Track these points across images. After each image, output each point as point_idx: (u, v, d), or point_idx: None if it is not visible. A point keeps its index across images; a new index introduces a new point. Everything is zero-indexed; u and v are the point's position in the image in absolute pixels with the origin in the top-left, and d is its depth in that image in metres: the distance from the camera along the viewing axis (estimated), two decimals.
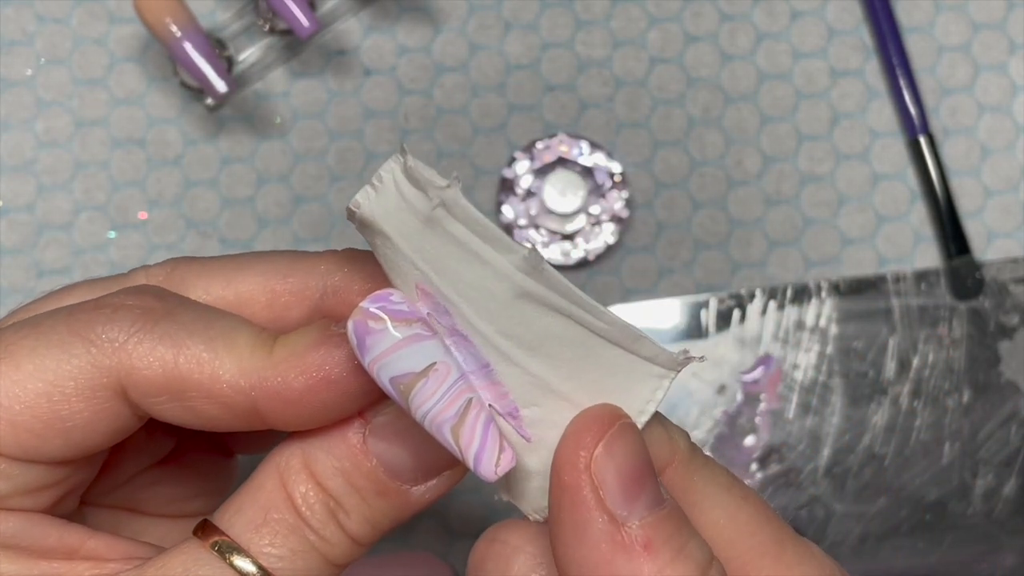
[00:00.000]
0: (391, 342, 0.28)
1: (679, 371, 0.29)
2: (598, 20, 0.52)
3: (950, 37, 0.52)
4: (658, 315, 0.51)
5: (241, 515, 0.30)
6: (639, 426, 0.29)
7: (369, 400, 0.30)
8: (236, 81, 0.50)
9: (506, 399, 0.29)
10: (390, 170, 0.28)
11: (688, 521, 0.29)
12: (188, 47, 0.48)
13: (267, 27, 0.50)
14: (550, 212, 0.51)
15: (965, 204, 0.51)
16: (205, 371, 0.30)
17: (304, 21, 0.47)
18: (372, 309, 0.28)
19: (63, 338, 0.30)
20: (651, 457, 0.29)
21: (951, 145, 0.52)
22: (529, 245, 0.28)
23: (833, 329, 0.51)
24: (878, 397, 0.50)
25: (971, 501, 0.50)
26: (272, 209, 0.51)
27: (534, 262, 0.28)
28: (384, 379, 0.28)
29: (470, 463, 0.28)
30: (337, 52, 0.52)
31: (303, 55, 0.52)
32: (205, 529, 0.31)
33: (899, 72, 0.51)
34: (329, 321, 0.31)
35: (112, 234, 0.51)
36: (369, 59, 0.52)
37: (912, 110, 0.51)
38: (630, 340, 0.29)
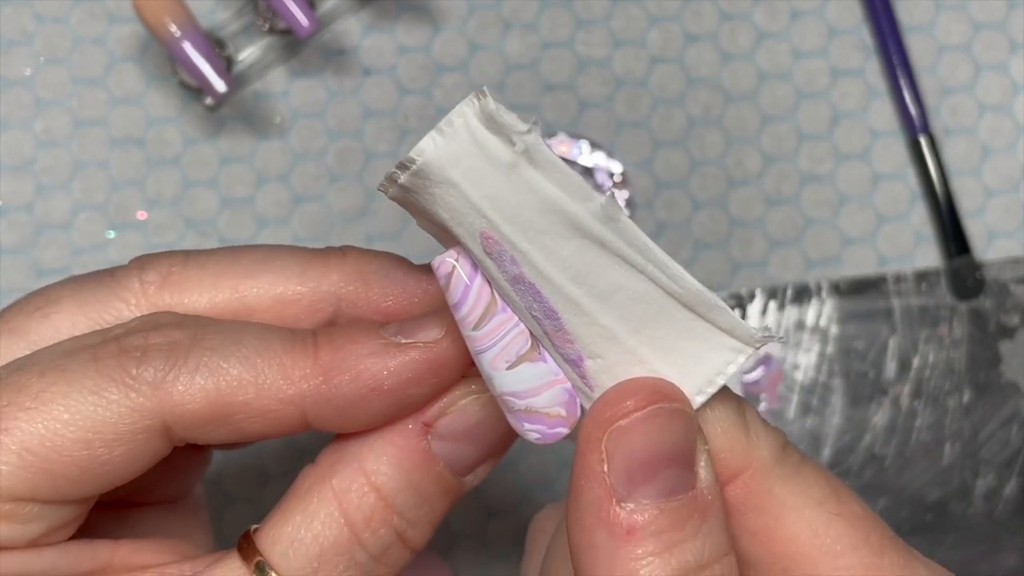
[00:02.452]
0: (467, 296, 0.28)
1: (757, 348, 0.28)
2: (598, 20, 0.52)
3: (951, 37, 0.52)
4: None
5: (296, 548, 0.30)
6: (706, 396, 0.28)
7: (424, 402, 0.30)
8: (235, 81, 0.50)
9: (572, 347, 0.28)
10: (462, 114, 0.27)
11: (712, 524, 0.27)
12: (187, 47, 0.48)
13: (266, 27, 0.50)
14: None
15: (966, 204, 0.51)
16: (250, 392, 0.29)
17: (303, 21, 0.47)
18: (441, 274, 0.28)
19: (97, 383, 0.29)
20: (687, 450, 0.27)
21: (952, 145, 0.52)
22: (607, 193, 0.27)
23: (833, 329, 0.50)
24: (878, 397, 0.50)
25: (972, 501, 0.50)
26: (272, 209, 0.51)
27: (611, 211, 0.27)
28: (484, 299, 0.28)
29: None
30: (337, 52, 0.52)
31: (302, 55, 0.52)
32: (249, 550, 0.30)
33: (900, 72, 0.51)
34: (376, 324, 0.30)
35: (111, 234, 0.51)
36: (369, 59, 0.52)
37: (912, 110, 0.51)
38: (706, 308, 0.28)
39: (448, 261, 0.28)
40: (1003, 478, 0.50)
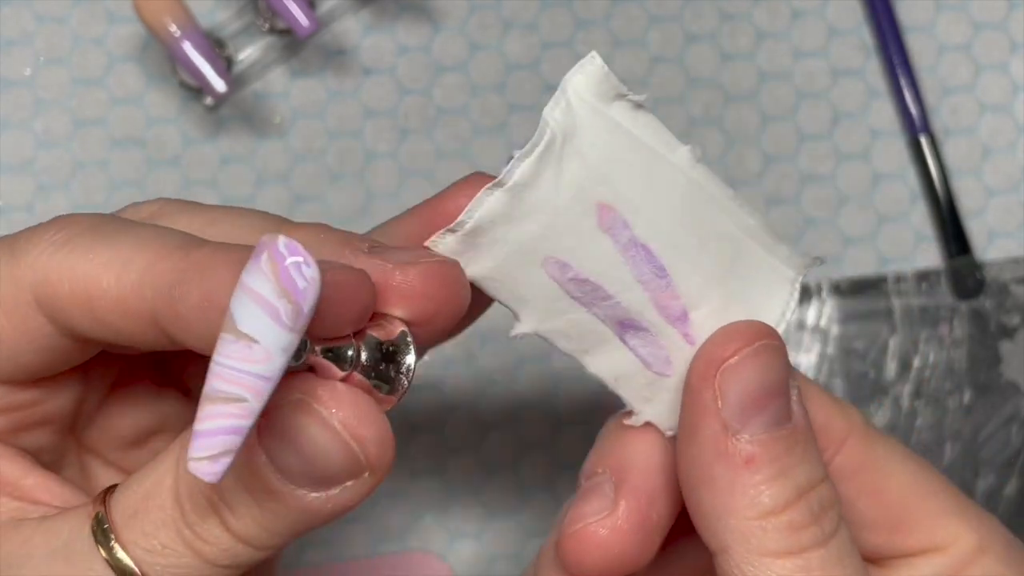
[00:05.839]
0: (254, 285, 0.25)
1: (805, 272, 0.31)
2: (598, 20, 0.52)
3: (951, 36, 0.52)
4: None
5: (124, 495, 0.29)
6: (783, 328, 0.31)
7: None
8: (235, 81, 0.50)
9: (677, 302, 0.31)
10: (572, 83, 0.30)
11: (810, 450, 0.30)
12: (187, 46, 0.48)
13: (266, 26, 0.50)
14: None
15: (966, 204, 0.51)
16: (111, 276, 0.28)
17: (303, 20, 0.47)
18: (281, 251, 0.25)
19: None
20: (786, 383, 0.30)
21: (952, 145, 0.52)
22: (689, 145, 0.30)
23: (834, 329, 0.50)
24: (879, 397, 0.50)
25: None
26: (272, 209, 0.51)
27: (697, 154, 0.30)
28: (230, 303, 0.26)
29: (192, 436, 0.25)
30: (336, 52, 0.52)
31: (302, 55, 0.52)
32: (103, 498, 0.29)
33: (900, 72, 0.51)
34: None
35: None
36: (368, 59, 0.52)
37: (913, 110, 0.51)
38: (772, 241, 0.31)
39: None
40: (1003, 478, 0.50)
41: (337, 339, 0.28)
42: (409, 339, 0.29)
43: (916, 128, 0.51)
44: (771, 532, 0.29)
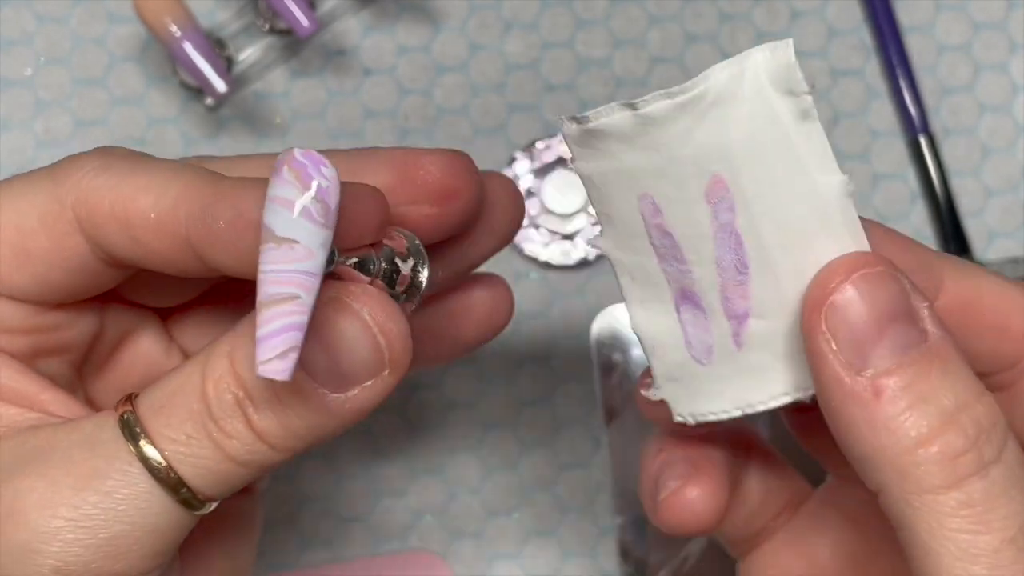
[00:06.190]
0: (281, 193, 0.27)
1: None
2: (598, 20, 0.52)
3: (951, 37, 0.52)
4: None
5: (151, 393, 0.30)
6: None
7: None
8: (235, 81, 0.50)
9: (744, 303, 0.29)
10: (752, 57, 0.28)
11: (953, 369, 0.28)
12: (187, 47, 0.48)
13: (267, 27, 0.50)
14: (550, 212, 0.51)
15: (966, 204, 0.51)
16: (149, 199, 0.30)
17: (304, 21, 0.47)
18: (297, 158, 0.27)
19: (35, 177, 0.31)
20: (906, 305, 0.28)
21: (951, 145, 0.52)
22: (846, 176, 0.28)
23: None
24: None
25: None
26: None
27: (849, 191, 0.28)
28: (262, 217, 0.27)
29: (255, 343, 0.27)
30: (337, 52, 0.52)
31: (303, 55, 0.52)
32: (128, 399, 0.30)
33: (899, 72, 0.51)
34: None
35: None
36: (369, 59, 0.52)
37: (912, 110, 0.51)
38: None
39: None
40: None
41: (358, 249, 0.30)
42: (422, 249, 0.32)
43: (916, 128, 0.51)
44: (924, 465, 0.27)
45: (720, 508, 0.34)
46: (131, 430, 0.29)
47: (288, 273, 0.27)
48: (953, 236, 0.51)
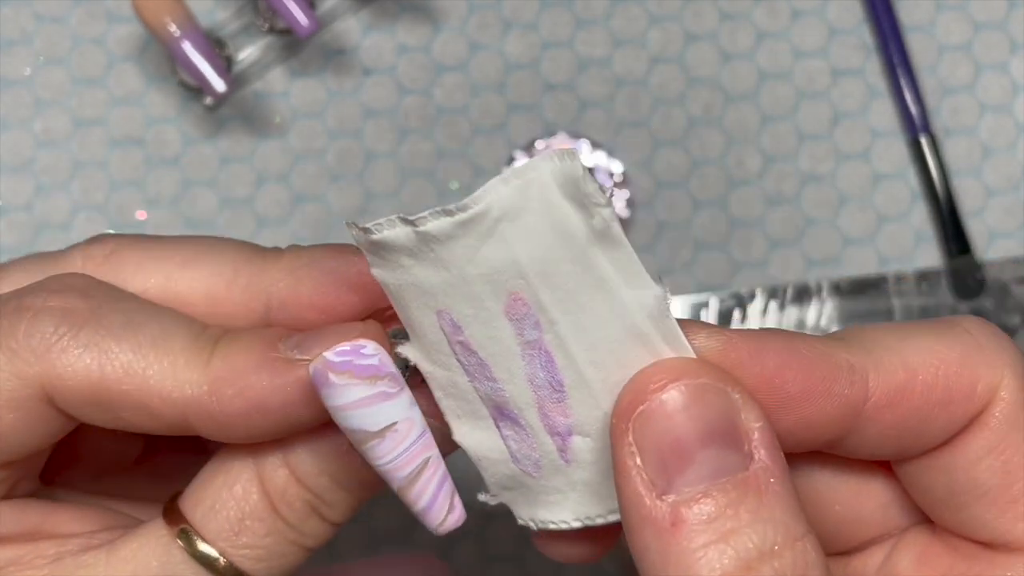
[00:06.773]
0: (350, 398, 0.27)
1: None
2: (598, 19, 0.52)
3: (951, 36, 0.52)
4: None
5: (216, 514, 0.29)
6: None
7: (314, 425, 0.29)
8: (235, 80, 0.50)
9: (564, 420, 0.27)
10: (537, 169, 0.25)
11: (772, 503, 0.24)
12: (187, 46, 0.48)
13: (266, 26, 0.50)
14: None
15: (966, 204, 0.51)
16: (134, 382, 0.28)
17: (303, 20, 0.47)
18: (335, 361, 0.27)
19: None
20: (728, 426, 0.25)
21: (952, 144, 0.52)
22: (664, 288, 0.25)
23: (834, 329, 0.50)
24: None
25: None
26: (271, 209, 0.51)
27: (663, 307, 0.25)
28: (341, 425, 0.27)
29: (418, 517, 0.28)
30: (336, 52, 0.52)
31: (302, 54, 0.52)
32: (173, 516, 0.29)
33: (900, 71, 0.51)
34: (278, 334, 0.29)
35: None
36: (368, 58, 0.52)
37: (913, 109, 0.51)
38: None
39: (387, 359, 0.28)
40: None
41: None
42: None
43: (916, 128, 0.51)
44: None
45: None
46: (189, 542, 0.29)
47: (408, 451, 0.27)
48: (954, 236, 0.51)
